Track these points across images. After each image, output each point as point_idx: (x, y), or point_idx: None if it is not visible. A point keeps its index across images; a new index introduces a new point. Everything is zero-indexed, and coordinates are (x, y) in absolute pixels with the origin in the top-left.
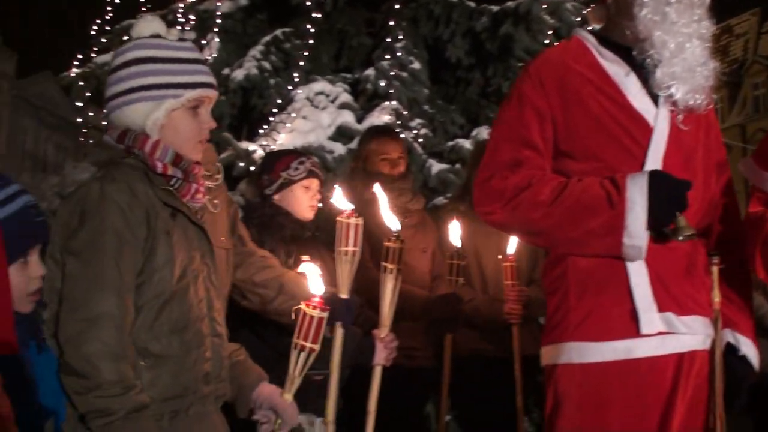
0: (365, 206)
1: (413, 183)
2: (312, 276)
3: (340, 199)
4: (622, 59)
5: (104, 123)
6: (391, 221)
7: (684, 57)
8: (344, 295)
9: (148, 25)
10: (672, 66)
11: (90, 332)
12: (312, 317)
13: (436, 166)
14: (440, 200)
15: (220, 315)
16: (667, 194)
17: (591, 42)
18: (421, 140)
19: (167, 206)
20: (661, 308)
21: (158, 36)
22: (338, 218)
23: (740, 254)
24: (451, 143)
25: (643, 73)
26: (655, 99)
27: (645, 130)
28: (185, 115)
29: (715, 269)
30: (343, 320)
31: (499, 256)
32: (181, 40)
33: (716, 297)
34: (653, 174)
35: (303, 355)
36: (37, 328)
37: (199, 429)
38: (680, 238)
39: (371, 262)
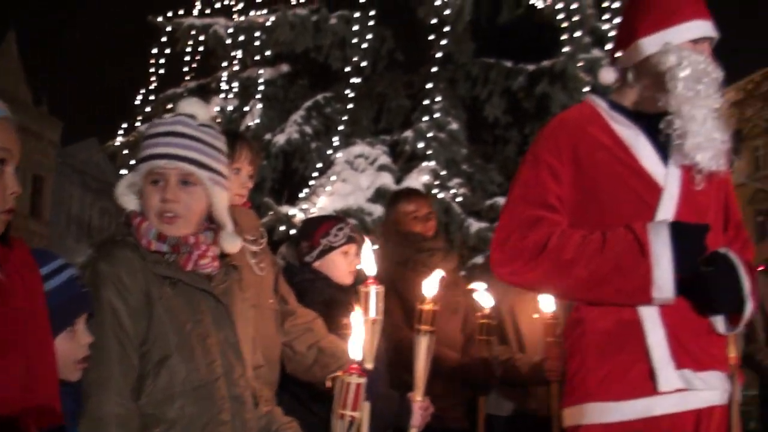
0: (398, 268)
1: (444, 242)
2: (351, 339)
3: (367, 262)
4: (632, 123)
5: None
6: (429, 287)
7: (707, 127)
8: (369, 366)
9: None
10: (698, 136)
11: (95, 397)
12: (349, 384)
13: (475, 225)
14: (479, 259)
15: (243, 378)
16: (689, 243)
17: (602, 107)
18: (459, 199)
19: (165, 276)
20: (679, 365)
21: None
22: (359, 287)
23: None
24: (489, 202)
25: (655, 136)
26: (666, 160)
27: (655, 191)
28: (146, 188)
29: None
30: (367, 392)
31: (535, 315)
32: (190, 116)
33: (732, 352)
34: (674, 225)
35: (346, 423)
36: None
37: None
38: None
39: (405, 324)
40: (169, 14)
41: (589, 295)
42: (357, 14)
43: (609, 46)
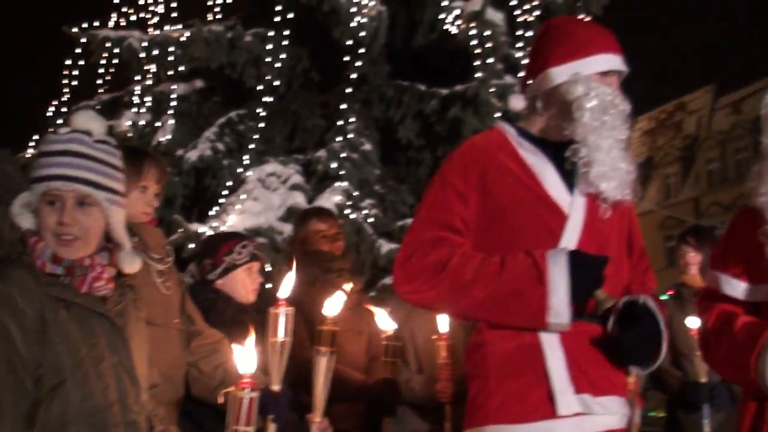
0: (304, 288)
1: (351, 263)
2: (242, 354)
3: (286, 285)
4: (539, 150)
5: None
6: (332, 308)
7: (612, 157)
8: (276, 387)
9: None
10: (603, 165)
11: None
12: (242, 399)
13: (386, 246)
14: (389, 280)
15: (137, 403)
16: (586, 273)
17: (511, 133)
18: (371, 220)
19: (59, 299)
20: (578, 390)
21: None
22: (270, 309)
23: None
24: (400, 223)
25: (561, 164)
26: (571, 188)
27: (560, 218)
28: (42, 209)
29: None
30: (275, 413)
31: (434, 336)
32: (85, 132)
33: (631, 378)
34: (572, 254)
35: None
36: None
37: None
38: (600, 313)
39: (310, 344)
40: (84, 25)
41: (487, 316)
42: (272, 33)
43: (521, 74)
